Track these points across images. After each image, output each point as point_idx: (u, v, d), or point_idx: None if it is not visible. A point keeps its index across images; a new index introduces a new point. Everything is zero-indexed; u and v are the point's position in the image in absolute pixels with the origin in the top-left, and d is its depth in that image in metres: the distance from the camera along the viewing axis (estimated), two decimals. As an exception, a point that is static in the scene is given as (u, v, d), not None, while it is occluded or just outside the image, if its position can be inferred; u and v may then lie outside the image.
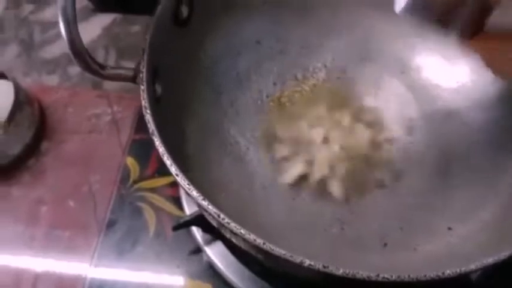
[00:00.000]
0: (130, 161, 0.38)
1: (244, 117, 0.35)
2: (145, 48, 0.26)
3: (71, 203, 0.38)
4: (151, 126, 0.24)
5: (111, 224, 0.35)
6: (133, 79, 0.27)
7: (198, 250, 0.33)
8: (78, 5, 0.50)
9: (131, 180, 0.37)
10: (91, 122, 0.42)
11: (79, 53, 0.25)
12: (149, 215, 0.35)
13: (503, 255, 0.22)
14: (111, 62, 0.47)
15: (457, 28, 0.26)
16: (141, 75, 0.25)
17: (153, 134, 0.24)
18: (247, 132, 0.35)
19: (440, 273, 0.20)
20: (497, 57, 0.27)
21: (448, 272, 0.20)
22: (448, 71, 0.35)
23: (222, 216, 0.21)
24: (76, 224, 0.37)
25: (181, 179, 0.22)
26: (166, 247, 0.34)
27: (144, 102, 0.24)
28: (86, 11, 0.50)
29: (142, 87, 0.25)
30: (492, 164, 0.31)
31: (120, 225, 0.35)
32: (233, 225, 0.21)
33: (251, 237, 0.21)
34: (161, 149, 0.23)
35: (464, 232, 0.28)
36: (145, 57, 0.26)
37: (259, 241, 0.21)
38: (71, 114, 0.43)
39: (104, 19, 0.49)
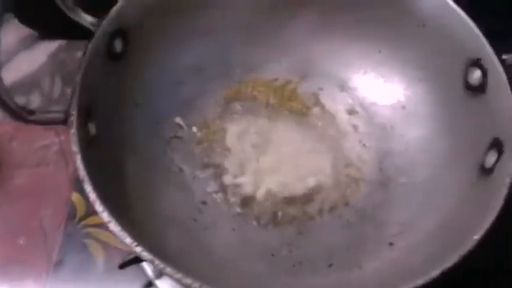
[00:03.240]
0: (75, 196, 0.37)
1: (188, 145, 0.35)
2: (75, 90, 0.26)
3: (22, 239, 0.37)
4: (82, 172, 0.23)
5: (58, 265, 0.34)
6: (64, 122, 0.26)
7: (149, 284, 0.33)
8: (22, 34, 0.49)
9: (78, 217, 0.36)
10: (38, 155, 0.41)
11: (4, 102, 0.24)
12: (97, 252, 0.35)
13: (445, 266, 0.23)
14: (56, 89, 0.46)
15: None
16: (71, 118, 0.25)
17: (83, 180, 0.23)
18: (192, 159, 0.35)
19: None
20: None
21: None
22: (384, 88, 0.36)
23: (156, 262, 0.21)
24: (27, 259, 0.36)
25: (114, 226, 0.22)
26: (116, 284, 0.33)
27: (75, 148, 0.24)
28: (31, 38, 0.49)
29: (72, 130, 0.25)
30: (430, 177, 0.32)
31: (67, 265, 0.34)
32: (168, 270, 0.21)
33: (188, 281, 0.21)
34: (92, 196, 0.23)
35: (407, 247, 0.29)
36: (75, 99, 0.26)
37: (195, 285, 0.21)
38: (16, 148, 0.42)
39: (49, 46, 0.48)
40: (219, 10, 0.36)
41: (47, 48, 0.48)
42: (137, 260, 0.31)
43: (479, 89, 0.30)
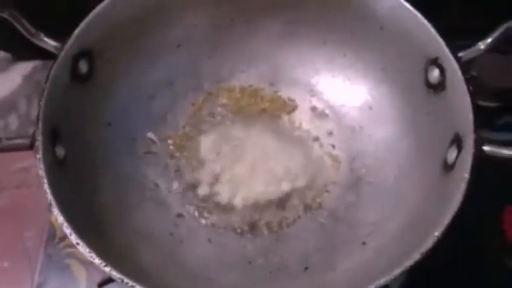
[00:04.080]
0: (54, 218, 0.37)
1: (162, 159, 0.35)
2: (39, 115, 0.26)
3: (5, 262, 0.37)
4: (49, 196, 0.24)
5: (41, 286, 0.34)
6: (31, 147, 0.26)
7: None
8: (-5, 56, 0.49)
9: (57, 237, 0.36)
10: (17, 177, 0.42)
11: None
12: (78, 272, 0.35)
13: (407, 265, 0.24)
14: (34, 111, 0.46)
15: None
16: (36, 143, 0.25)
17: (50, 204, 0.24)
18: (167, 173, 0.35)
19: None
20: None
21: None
22: (351, 90, 0.37)
23: (125, 280, 0.22)
24: (12, 282, 0.36)
25: (82, 248, 0.23)
26: (99, 302, 0.34)
27: (41, 172, 0.24)
28: (4, 60, 0.49)
29: (38, 155, 0.25)
30: (399, 176, 0.33)
31: (50, 285, 0.34)
32: None
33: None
34: (60, 218, 0.23)
35: (377, 246, 0.30)
36: (40, 124, 0.26)
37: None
38: (-5, 170, 0.42)
39: (24, 67, 0.48)
40: (182, 26, 0.36)
41: (22, 70, 0.48)
42: (115, 277, 0.31)
43: (439, 87, 0.30)
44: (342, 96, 0.37)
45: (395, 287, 0.31)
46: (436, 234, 0.24)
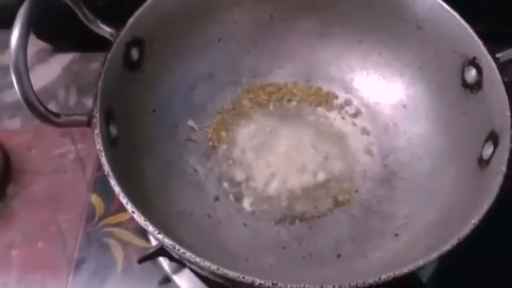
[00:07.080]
0: (94, 198, 0.39)
1: (201, 146, 0.37)
2: (97, 94, 0.28)
3: (41, 244, 0.39)
4: (106, 168, 0.25)
5: (79, 264, 0.36)
6: (88, 123, 0.28)
7: (166, 280, 0.34)
8: (36, 47, 0.51)
9: (97, 217, 0.38)
10: (56, 162, 0.43)
11: (33, 105, 0.26)
12: (116, 251, 0.36)
13: (444, 249, 0.25)
14: (72, 100, 0.48)
15: None
16: (94, 119, 0.27)
17: (108, 175, 0.25)
18: (205, 160, 0.36)
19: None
20: None
21: (384, 276, 0.22)
22: (386, 89, 0.38)
23: (177, 247, 0.23)
24: (47, 264, 0.37)
25: (137, 216, 0.24)
26: (135, 281, 0.35)
27: (99, 146, 0.26)
28: (45, 52, 0.51)
29: (96, 131, 0.27)
30: (432, 171, 0.34)
31: (88, 263, 0.36)
32: (189, 255, 0.23)
33: (206, 264, 0.23)
34: (117, 189, 0.25)
35: (409, 237, 0.31)
36: (97, 102, 0.28)
37: (213, 267, 0.23)
38: (35, 155, 0.43)
39: (63, 59, 0.50)
40: (223, 22, 0.38)
41: (60, 61, 0.50)
42: (155, 254, 0.32)
43: (475, 86, 0.31)
44: (376, 93, 0.38)
45: (425, 277, 0.32)
46: (473, 221, 0.25)
